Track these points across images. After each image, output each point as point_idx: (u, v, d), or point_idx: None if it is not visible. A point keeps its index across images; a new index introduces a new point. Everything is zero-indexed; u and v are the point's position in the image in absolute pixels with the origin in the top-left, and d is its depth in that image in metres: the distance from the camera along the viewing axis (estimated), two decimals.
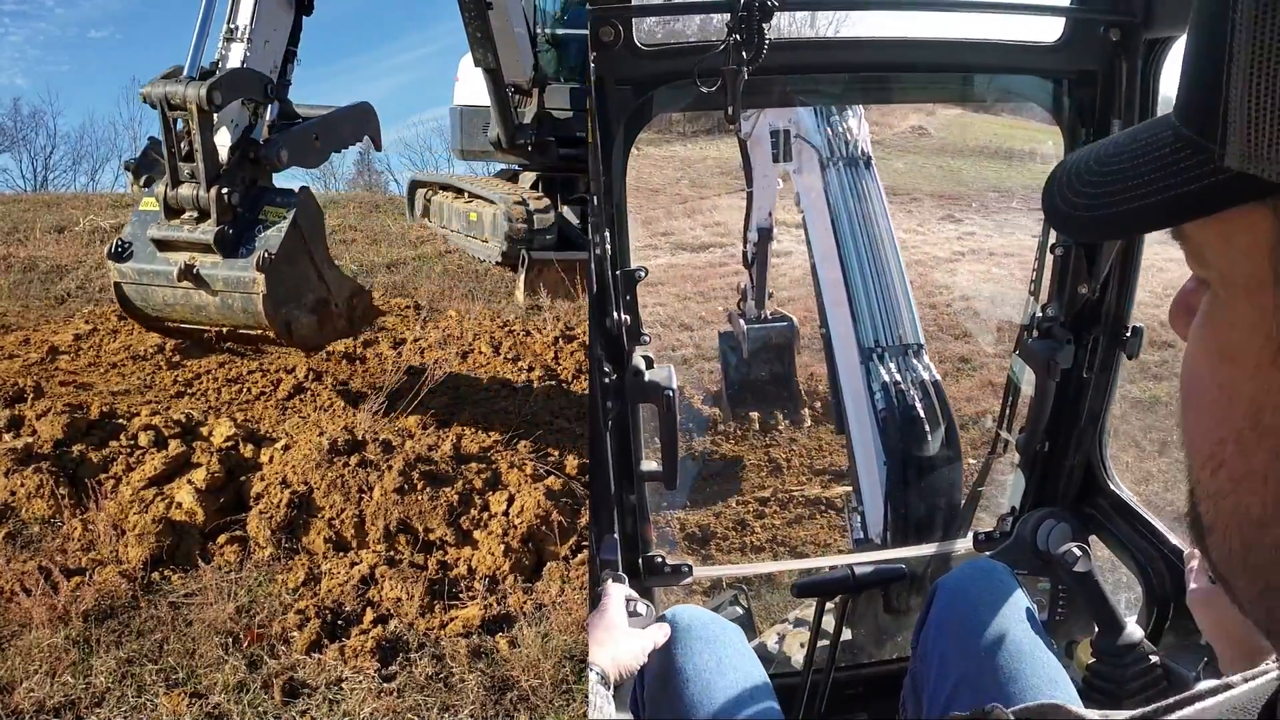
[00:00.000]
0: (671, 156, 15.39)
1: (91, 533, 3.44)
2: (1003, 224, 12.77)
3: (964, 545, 2.52)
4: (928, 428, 2.82)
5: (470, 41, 7.58)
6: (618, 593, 1.70)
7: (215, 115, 3.72)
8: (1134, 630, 1.85)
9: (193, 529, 3.48)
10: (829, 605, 2.21)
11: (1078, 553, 1.90)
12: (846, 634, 2.68)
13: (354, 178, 25.73)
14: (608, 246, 1.88)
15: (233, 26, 3.94)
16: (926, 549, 2.62)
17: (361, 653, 2.90)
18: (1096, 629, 1.90)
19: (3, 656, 2.80)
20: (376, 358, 5.88)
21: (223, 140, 3.86)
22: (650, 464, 2.15)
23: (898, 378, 2.92)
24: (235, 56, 3.92)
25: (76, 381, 5.16)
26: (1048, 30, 2.03)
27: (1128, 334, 2.16)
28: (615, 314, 1.93)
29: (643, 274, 2.00)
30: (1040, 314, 2.28)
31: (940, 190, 14.56)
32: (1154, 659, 1.81)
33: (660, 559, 2.30)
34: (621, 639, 1.60)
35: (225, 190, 3.75)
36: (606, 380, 1.95)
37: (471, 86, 9.10)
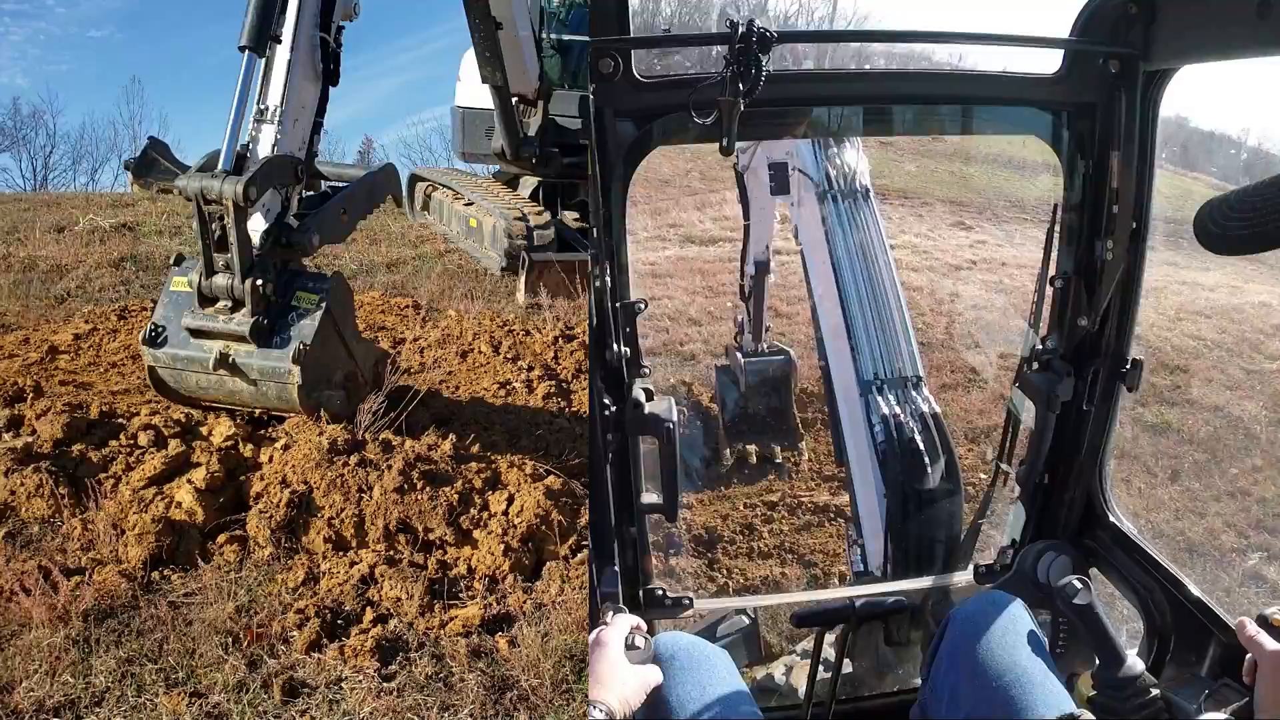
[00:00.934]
0: (683, 148, 15.36)
1: (91, 532, 3.45)
2: (1013, 234, 12.74)
3: (964, 578, 2.53)
4: (927, 460, 2.82)
5: (478, 59, 7.67)
6: (618, 628, 1.69)
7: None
8: (1135, 663, 1.85)
9: (193, 529, 3.49)
10: (830, 637, 2.21)
11: (1078, 585, 1.90)
12: (848, 666, 2.68)
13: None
14: (608, 279, 1.87)
15: (263, 107, 4.01)
16: (927, 582, 2.63)
17: (361, 652, 2.90)
18: (1097, 661, 1.90)
19: (3, 656, 2.80)
20: None
21: (256, 225, 3.96)
22: (651, 496, 2.15)
23: (897, 410, 2.92)
24: (266, 139, 4.00)
25: (76, 381, 5.16)
26: (1047, 62, 2.04)
27: (1128, 366, 2.17)
28: (615, 346, 1.92)
29: (643, 307, 1.99)
30: (1040, 346, 2.29)
31: (951, 196, 14.55)
32: (1155, 692, 1.81)
33: (661, 591, 2.30)
34: (627, 677, 1.60)
35: (260, 282, 3.86)
36: (607, 413, 1.94)
37: (473, 87, 9.10)
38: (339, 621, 3.08)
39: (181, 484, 3.62)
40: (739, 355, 6.43)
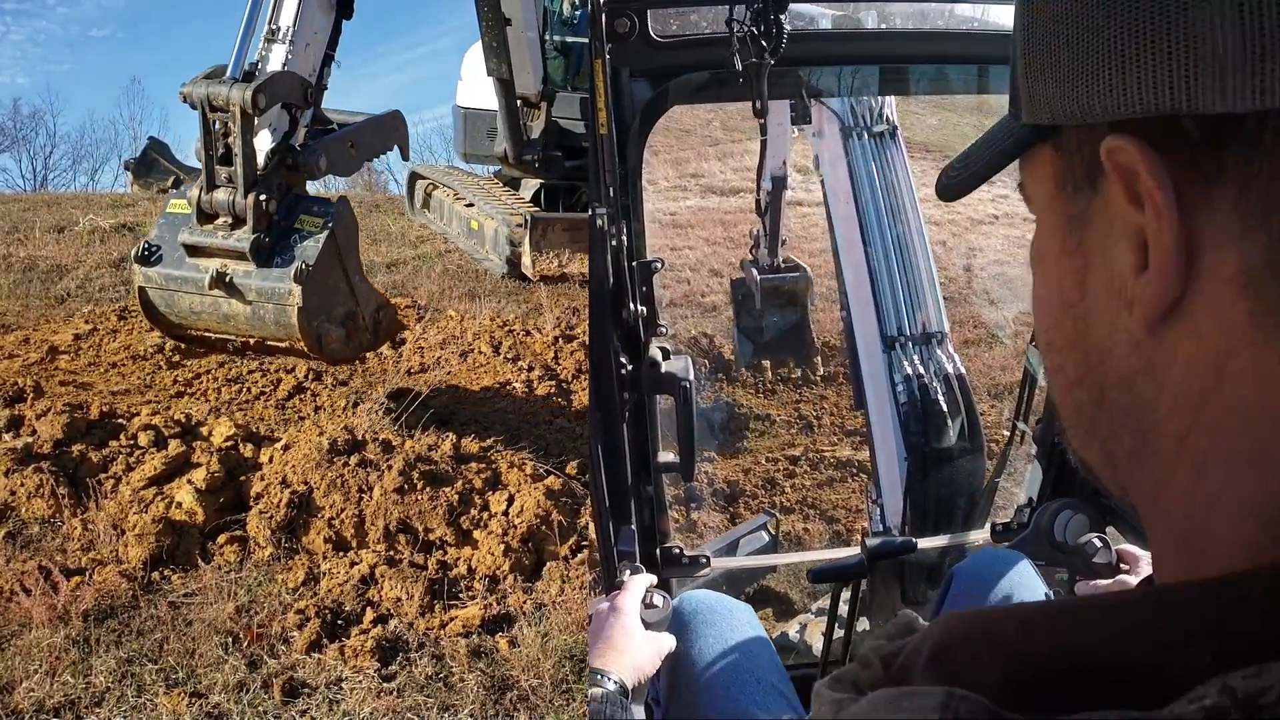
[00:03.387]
0: None
1: (91, 533, 3.44)
2: None
3: (982, 536, 2.51)
4: (950, 421, 2.78)
5: (485, 50, 7.70)
6: (632, 593, 1.63)
7: (256, 119, 3.63)
8: None
9: (193, 529, 3.48)
10: (846, 594, 2.21)
11: (1098, 543, 1.89)
12: (865, 624, 2.67)
13: (353, 176, 25.71)
14: (624, 238, 1.86)
15: (274, 27, 3.86)
16: (945, 540, 2.61)
17: (361, 652, 2.90)
18: None
19: (3, 656, 2.79)
20: (377, 357, 5.88)
21: (262, 144, 3.77)
22: (668, 455, 2.13)
23: (920, 369, 2.85)
24: (277, 58, 3.84)
25: (76, 381, 5.16)
26: None
27: None
28: (632, 305, 1.92)
29: (660, 265, 1.97)
30: None
31: None
32: None
33: (678, 550, 2.29)
34: (641, 644, 1.54)
35: (263, 197, 3.65)
36: (623, 372, 1.94)
37: (475, 87, 9.11)
38: (339, 622, 3.07)
39: (181, 484, 3.61)
40: (754, 270, 6.37)
